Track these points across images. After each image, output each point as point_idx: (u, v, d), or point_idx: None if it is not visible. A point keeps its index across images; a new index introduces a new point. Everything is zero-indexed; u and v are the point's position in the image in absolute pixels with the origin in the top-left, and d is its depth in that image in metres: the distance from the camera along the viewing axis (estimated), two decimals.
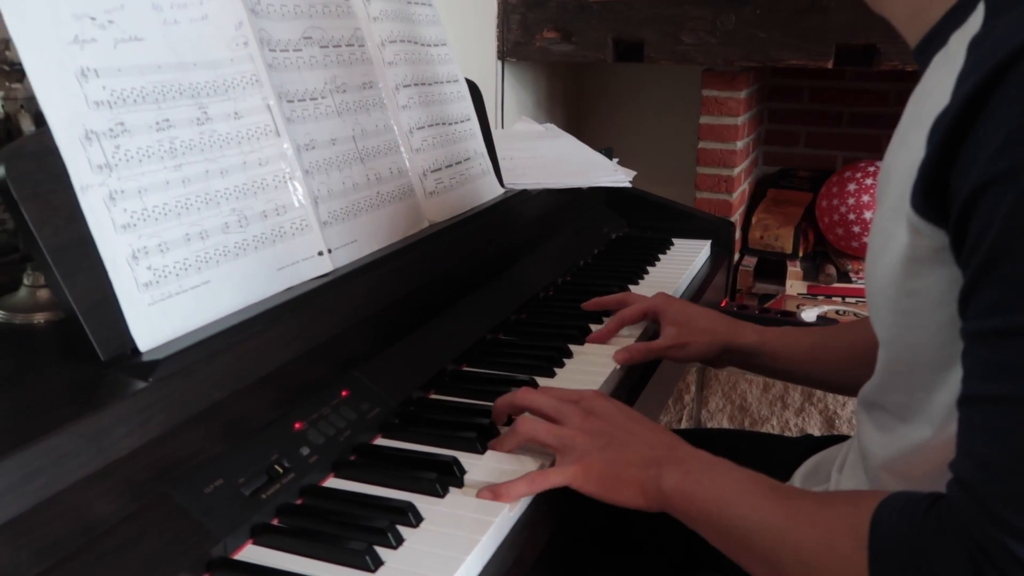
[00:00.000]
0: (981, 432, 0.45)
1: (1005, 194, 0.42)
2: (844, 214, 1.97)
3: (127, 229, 0.60)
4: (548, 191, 1.19)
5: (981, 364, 0.45)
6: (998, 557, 0.42)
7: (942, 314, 0.49)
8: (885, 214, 0.54)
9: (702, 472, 0.60)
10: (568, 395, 0.69)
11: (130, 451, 0.52)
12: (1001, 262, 0.43)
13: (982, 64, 0.44)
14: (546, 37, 1.87)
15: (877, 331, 0.58)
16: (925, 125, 0.48)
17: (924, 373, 0.53)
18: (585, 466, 0.62)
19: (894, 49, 1.61)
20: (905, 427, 0.56)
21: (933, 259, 0.49)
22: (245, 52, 0.75)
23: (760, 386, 1.73)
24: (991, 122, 0.43)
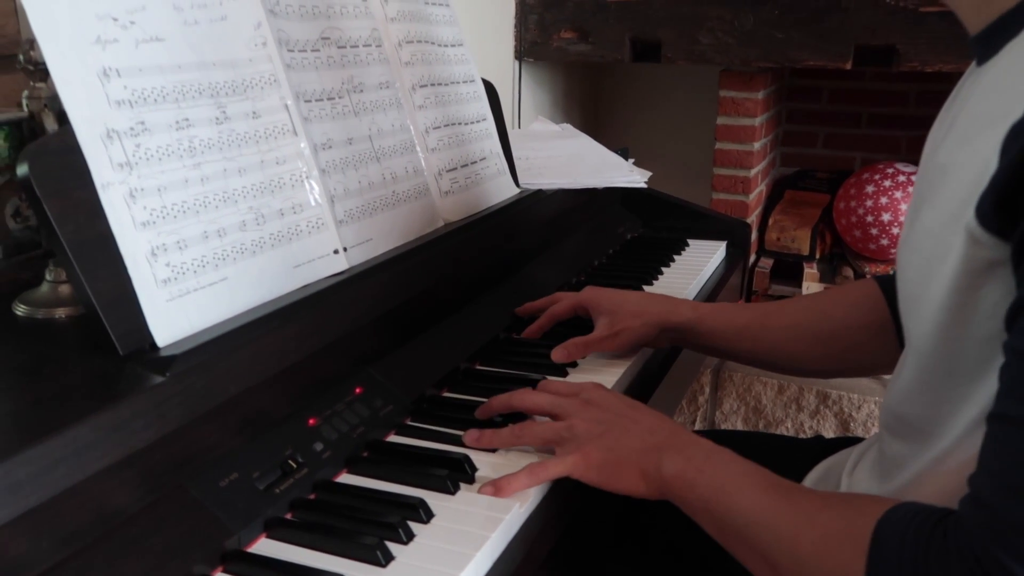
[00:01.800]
0: (1008, 453, 0.44)
1: None
2: (862, 216, 1.96)
3: (147, 226, 0.61)
4: (564, 191, 1.19)
5: (1020, 384, 0.44)
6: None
7: (989, 327, 0.48)
8: (939, 218, 0.51)
9: (704, 460, 0.59)
10: (567, 388, 0.69)
11: (147, 444, 0.53)
12: None
13: None
14: (563, 37, 1.87)
15: (911, 338, 0.56)
16: (997, 128, 0.45)
17: (956, 385, 0.51)
18: (585, 454, 0.62)
19: (913, 50, 1.60)
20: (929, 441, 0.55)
21: (990, 271, 0.47)
22: (263, 52, 0.76)
23: (775, 388, 1.72)
24: None
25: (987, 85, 0.51)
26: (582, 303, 0.90)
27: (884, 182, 1.95)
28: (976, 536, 0.43)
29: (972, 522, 0.44)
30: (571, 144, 1.47)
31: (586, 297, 0.90)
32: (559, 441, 0.64)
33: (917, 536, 0.46)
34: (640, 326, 0.86)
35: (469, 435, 0.68)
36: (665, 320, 0.86)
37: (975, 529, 0.43)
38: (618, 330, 0.85)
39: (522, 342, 0.92)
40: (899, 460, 0.58)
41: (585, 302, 0.90)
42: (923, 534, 0.46)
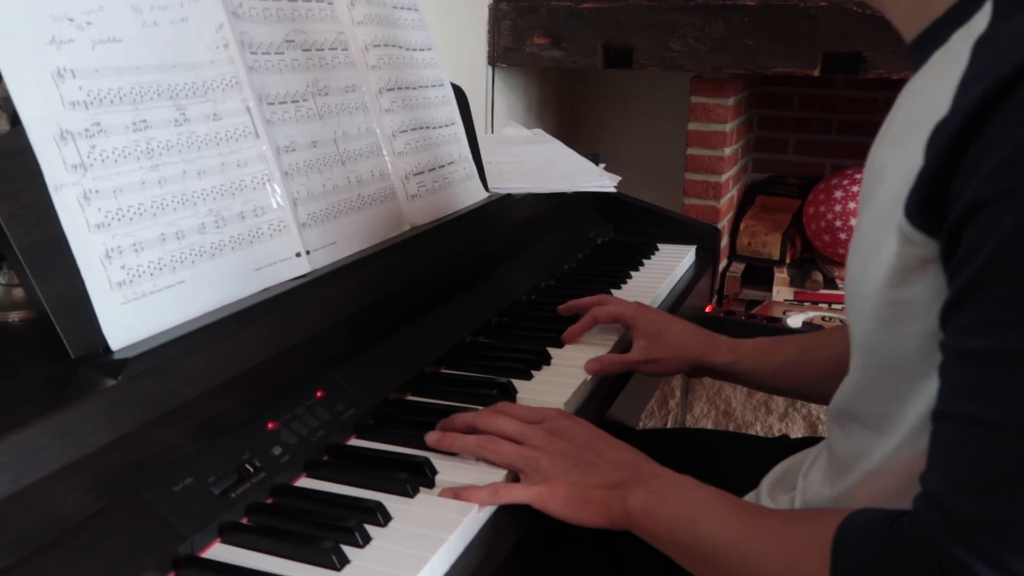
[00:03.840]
0: (954, 450, 0.44)
1: (1005, 213, 0.41)
2: (831, 221, 1.98)
3: (101, 228, 0.60)
4: (534, 195, 1.19)
5: (960, 382, 0.45)
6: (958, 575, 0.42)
7: (925, 324, 0.49)
8: (873, 219, 0.53)
9: (667, 491, 0.60)
10: (531, 415, 0.69)
11: (98, 448, 0.53)
12: (994, 282, 0.42)
13: (989, 71, 0.43)
14: (536, 43, 1.88)
15: (854, 337, 0.57)
16: (924, 129, 0.47)
17: (900, 383, 0.52)
18: (550, 488, 0.62)
19: (880, 57, 1.62)
20: (879, 438, 0.56)
21: (920, 269, 0.48)
22: (225, 54, 0.75)
23: (744, 392, 1.73)
24: (996, 135, 0.42)
25: (917, 89, 0.52)
26: (624, 318, 0.92)
27: (853, 188, 1.97)
28: (933, 535, 0.44)
29: (927, 521, 0.45)
30: (542, 149, 1.48)
31: (631, 314, 0.91)
32: (524, 468, 0.64)
33: (874, 540, 0.46)
34: (677, 359, 0.88)
35: (430, 436, 0.68)
36: (703, 361, 0.88)
37: (931, 528, 0.44)
38: (656, 357, 0.88)
39: (489, 346, 0.92)
40: (849, 459, 0.59)
41: (629, 319, 0.91)
42: (879, 537, 0.46)
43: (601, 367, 0.85)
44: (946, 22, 0.50)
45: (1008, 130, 0.41)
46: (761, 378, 0.88)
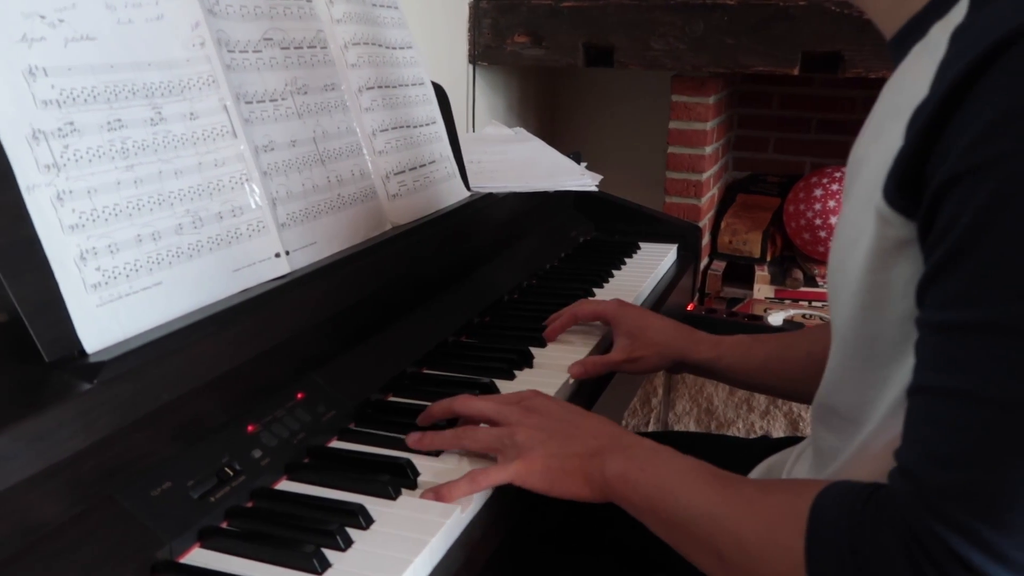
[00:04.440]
0: (928, 423, 0.45)
1: (979, 186, 0.42)
2: (811, 219, 2.00)
3: (75, 230, 0.59)
4: (515, 194, 1.19)
5: (935, 355, 0.45)
6: (933, 548, 0.42)
7: (903, 307, 0.49)
8: (855, 206, 0.53)
9: (645, 459, 0.60)
10: (508, 397, 0.69)
11: (74, 453, 0.52)
12: (968, 255, 0.43)
13: (964, 54, 0.43)
14: (517, 41, 1.87)
15: (835, 325, 0.58)
16: (903, 116, 0.47)
17: (878, 369, 0.53)
18: (528, 461, 0.62)
19: (859, 56, 1.63)
20: (856, 427, 0.57)
21: (899, 251, 0.48)
22: (202, 52, 0.74)
23: (726, 390, 1.74)
24: (970, 112, 0.43)
25: (897, 81, 0.53)
26: (606, 315, 0.92)
27: (832, 186, 1.99)
28: (906, 505, 0.44)
29: (900, 492, 0.45)
30: (524, 148, 1.47)
31: (611, 312, 0.91)
32: (501, 448, 0.64)
33: (851, 511, 0.47)
34: (659, 356, 0.88)
35: (411, 437, 0.67)
36: (685, 356, 0.88)
37: (904, 499, 0.45)
38: (637, 356, 0.88)
39: (471, 346, 0.92)
40: (831, 452, 0.60)
41: (609, 316, 0.91)
42: (856, 509, 0.47)
43: (584, 371, 0.85)
44: (925, 16, 0.51)
45: (981, 108, 0.42)
46: (742, 374, 0.88)
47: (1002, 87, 0.42)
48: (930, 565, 0.43)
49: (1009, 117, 0.41)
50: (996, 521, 0.41)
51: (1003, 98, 0.41)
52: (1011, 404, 0.41)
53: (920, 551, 0.43)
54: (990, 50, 0.42)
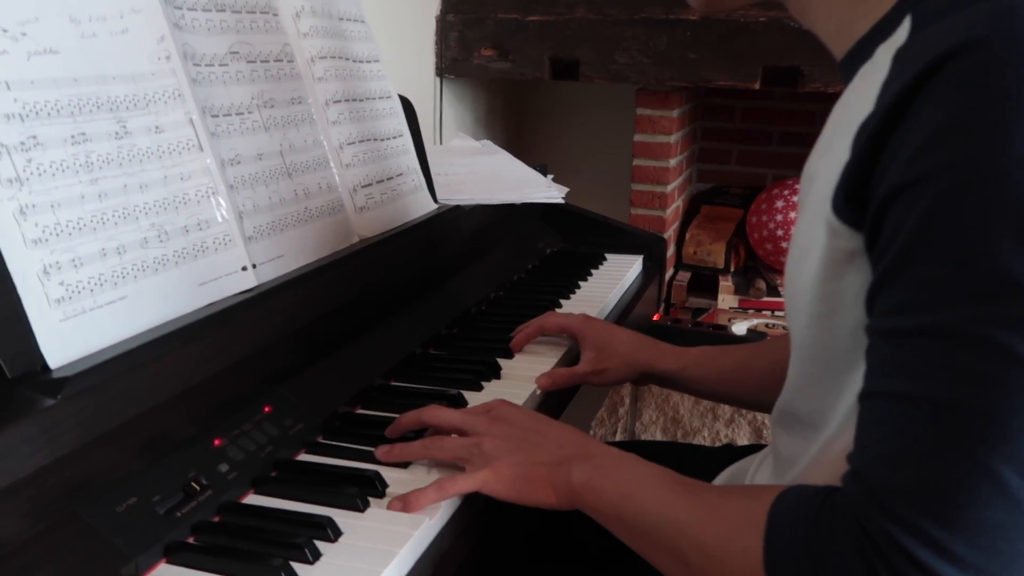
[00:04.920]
0: (877, 426, 0.46)
1: (918, 198, 0.43)
2: (773, 230, 2.03)
3: (38, 244, 0.59)
4: (483, 207, 1.20)
5: (882, 361, 0.47)
6: (884, 546, 0.44)
7: (855, 316, 0.51)
8: (807, 219, 0.55)
9: (610, 467, 0.61)
10: (476, 409, 0.70)
11: (37, 469, 0.51)
12: (909, 263, 0.44)
13: (905, 72, 0.45)
14: (484, 55, 1.89)
15: (793, 334, 0.60)
16: (850, 132, 0.49)
17: (835, 375, 0.54)
18: (495, 470, 0.63)
19: (818, 71, 1.67)
20: (816, 433, 0.58)
21: (849, 262, 0.50)
22: (167, 66, 0.74)
23: (692, 399, 1.76)
24: (910, 127, 0.44)
25: (845, 100, 0.55)
26: (572, 329, 0.93)
27: (793, 197, 2.03)
28: (858, 506, 0.46)
29: (853, 494, 0.47)
30: (491, 160, 1.49)
31: (577, 326, 0.92)
32: (468, 457, 0.64)
33: (806, 513, 0.48)
34: (624, 369, 0.89)
35: (380, 450, 0.68)
36: (650, 368, 0.90)
37: (856, 500, 0.46)
38: (603, 368, 0.89)
39: (439, 357, 0.92)
40: (791, 457, 0.61)
41: (576, 330, 0.93)
42: (811, 511, 0.48)
43: (552, 382, 0.86)
44: (870, 38, 0.53)
45: (919, 123, 0.44)
46: (707, 385, 0.89)
47: (938, 103, 0.43)
48: (881, 563, 0.44)
49: (945, 131, 0.43)
50: (942, 519, 0.42)
51: (939, 113, 0.43)
52: (953, 406, 0.43)
53: (872, 549, 0.44)
54: (928, 68, 0.44)
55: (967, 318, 0.42)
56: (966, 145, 0.42)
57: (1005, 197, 0.41)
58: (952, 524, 0.42)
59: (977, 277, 0.42)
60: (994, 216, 0.42)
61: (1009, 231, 0.41)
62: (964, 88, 0.43)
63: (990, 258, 0.42)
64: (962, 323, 0.43)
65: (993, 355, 0.42)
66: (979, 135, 0.42)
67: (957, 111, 0.43)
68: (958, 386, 0.43)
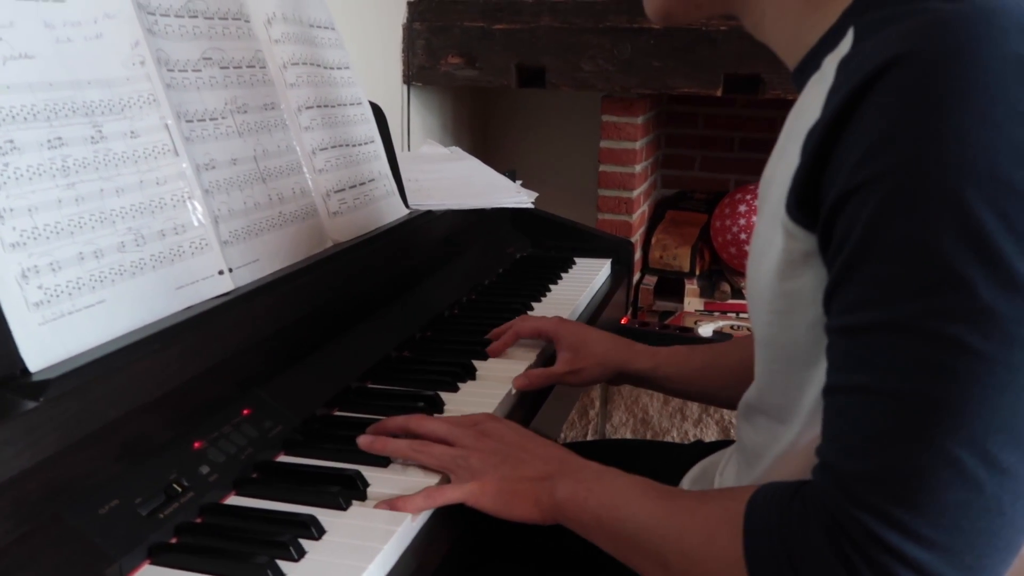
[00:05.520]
0: (841, 419, 0.49)
1: (866, 201, 0.46)
2: (736, 234, 2.08)
3: (16, 248, 0.59)
4: (453, 212, 1.21)
5: (841, 357, 0.49)
6: (853, 531, 0.46)
7: (812, 313, 0.53)
8: (765, 221, 0.58)
9: (593, 481, 0.62)
10: (462, 420, 0.71)
11: (19, 472, 0.51)
12: (861, 263, 0.47)
13: (849, 81, 0.48)
14: (451, 62, 1.90)
15: (755, 332, 0.62)
16: (800, 138, 0.52)
17: (797, 371, 0.57)
18: (481, 484, 0.64)
19: (777, 78, 1.72)
20: (783, 428, 0.60)
21: (804, 262, 0.52)
22: (142, 71, 0.74)
23: (661, 400, 1.79)
24: (855, 133, 0.47)
25: (796, 108, 0.58)
26: (546, 331, 0.94)
27: (755, 202, 2.07)
28: (827, 496, 0.48)
29: (822, 484, 0.49)
30: (460, 166, 1.50)
31: (551, 328, 0.94)
32: (455, 468, 0.66)
33: (780, 508, 0.50)
34: (600, 367, 0.91)
35: (362, 439, 0.69)
36: (624, 367, 0.92)
37: (826, 491, 0.48)
38: (578, 368, 0.91)
39: (413, 360, 0.93)
40: (758, 450, 0.63)
41: (550, 331, 0.94)
42: (784, 505, 0.50)
43: (528, 382, 0.87)
44: (818, 50, 0.56)
45: (863, 129, 0.47)
46: (679, 383, 0.92)
47: (879, 110, 0.46)
48: (852, 548, 0.46)
49: (886, 137, 0.45)
50: (907, 502, 0.45)
51: (880, 120, 0.46)
52: (910, 396, 0.45)
53: (843, 536, 0.46)
54: (869, 77, 0.46)
55: (917, 312, 0.45)
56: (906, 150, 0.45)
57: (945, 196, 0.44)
58: (916, 507, 0.45)
59: (923, 273, 0.45)
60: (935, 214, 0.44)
61: (950, 227, 0.44)
62: (902, 96, 0.45)
63: (934, 254, 0.44)
64: (913, 317, 0.45)
65: (943, 346, 0.44)
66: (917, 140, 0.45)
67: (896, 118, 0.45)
68: (913, 377, 0.45)
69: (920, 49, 0.45)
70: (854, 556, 0.46)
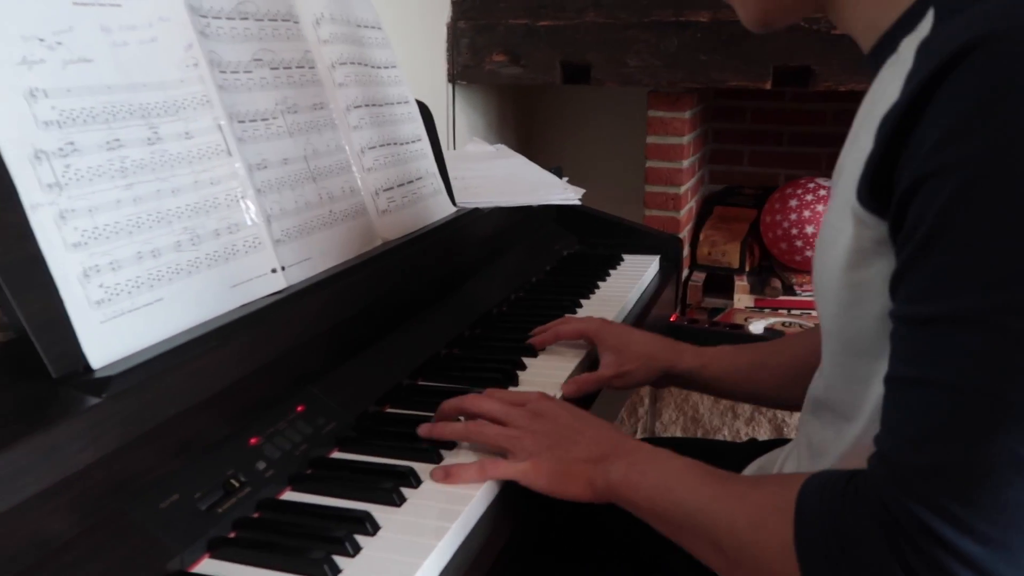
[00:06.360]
0: (901, 409, 0.48)
1: (941, 188, 0.45)
2: (787, 229, 2.04)
3: (78, 247, 0.60)
4: (500, 209, 1.21)
5: (905, 346, 0.48)
6: (908, 525, 0.45)
7: (880, 304, 0.52)
8: (834, 210, 0.56)
9: (646, 463, 0.62)
10: (514, 398, 0.71)
11: (84, 467, 0.52)
12: (930, 252, 0.46)
13: (928, 64, 0.46)
14: (495, 60, 1.90)
15: (823, 322, 0.61)
16: (874, 123, 0.50)
17: (863, 364, 0.55)
18: (535, 464, 0.65)
19: (828, 70, 1.68)
20: (848, 425, 0.59)
21: (875, 251, 0.51)
22: (195, 73, 0.75)
23: (711, 398, 1.76)
24: (933, 117, 0.46)
25: (871, 93, 0.57)
26: (588, 333, 0.93)
27: (806, 196, 2.03)
28: (882, 486, 0.47)
29: (877, 474, 0.48)
30: (506, 164, 1.50)
31: (593, 329, 0.93)
32: (511, 448, 0.66)
33: (832, 495, 0.49)
34: (646, 369, 0.90)
35: (422, 428, 0.70)
36: (670, 367, 0.90)
37: (879, 479, 0.47)
38: (625, 371, 0.89)
39: (462, 357, 0.93)
40: (822, 446, 0.62)
41: (592, 334, 0.92)
42: (837, 492, 0.49)
43: (578, 389, 0.86)
44: (895, 32, 0.55)
45: (942, 114, 0.45)
46: (727, 383, 0.90)
47: (958, 96, 0.44)
48: (906, 541, 0.45)
49: (967, 122, 0.44)
50: (964, 498, 0.44)
51: (958, 106, 0.44)
52: (970, 390, 0.44)
53: (896, 529, 0.45)
54: (949, 60, 0.45)
55: (984, 306, 0.43)
56: (983, 138, 0.43)
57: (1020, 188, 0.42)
58: (974, 503, 0.43)
59: (994, 266, 0.43)
60: (1009, 206, 0.43)
61: None
62: (983, 80, 0.44)
63: (1005, 247, 0.43)
64: (979, 311, 0.44)
65: (1008, 342, 0.43)
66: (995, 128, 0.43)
67: (977, 102, 0.44)
68: (976, 372, 0.44)
69: (1004, 30, 0.44)
70: (908, 550, 0.45)
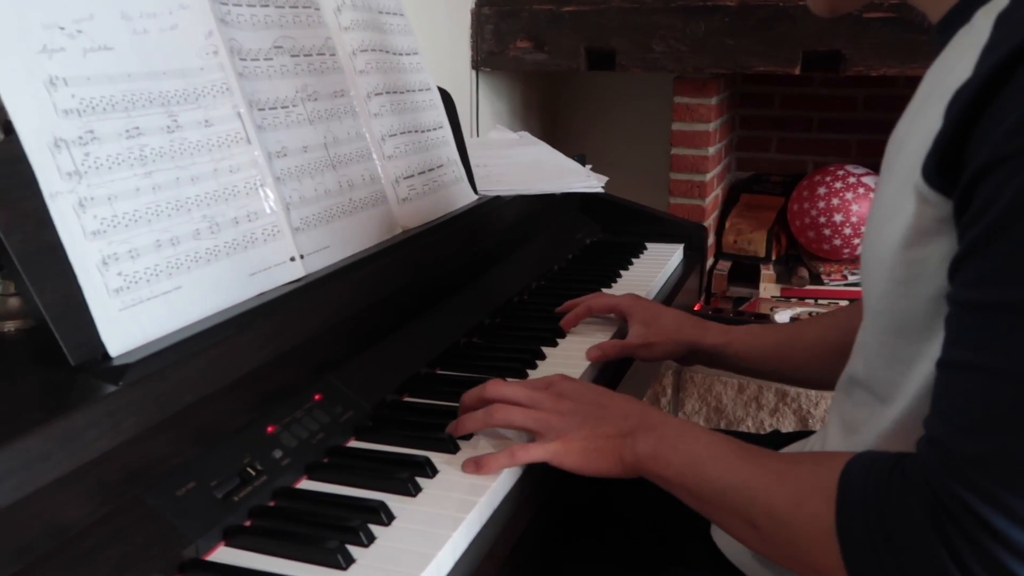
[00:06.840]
0: (955, 395, 0.47)
1: (1015, 173, 0.43)
2: (815, 218, 2.00)
3: (97, 235, 0.60)
4: (522, 197, 1.20)
5: (963, 331, 0.47)
6: (957, 511, 0.44)
7: (935, 284, 0.51)
8: (892, 186, 0.55)
9: (676, 437, 0.62)
10: (536, 383, 0.71)
11: (101, 454, 0.53)
12: (1000, 237, 0.44)
13: (1008, 39, 0.44)
14: (519, 47, 1.89)
15: (868, 300, 0.59)
16: (944, 98, 0.48)
17: (908, 344, 0.54)
18: (564, 443, 0.65)
19: (858, 55, 1.64)
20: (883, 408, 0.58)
21: (936, 229, 0.50)
22: (215, 61, 0.75)
23: (735, 388, 1.75)
24: (1010, 98, 0.44)
25: (939, 65, 0.54)
26: (619, 307, 0.94)
27: (835, 184, 2.00)
28: (931, 471, 0.46)
29: (927, 459, 0.47)
30: (529, 151, 1.49)
31: (625, 304, 0.94)
32: (538, 430, 0.66)
33: (878, 478, 0.48)
34: (673, 342, 0.90)
35: (448, 428, 0.70)
36: (697, 342, 0.90)
37: (930, 465, 0.46)
38: (652, 342, 0.90)
39: (482, 346, 0.93)
40: (854, 425, 0.61)
41: (623, 308, 0.94)
42: (883, 476, 0.48)
43: (602, 353, 0.87)
44: (970, 2, 0.52)
45: (1020, 93, 0.43)
46: (752, 361, 0.89)
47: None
48: (954, 527, 0.44)
49: None
50: (1017, 487, 0.43)
51: None
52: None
53: (945, 514, 0.44)
54: None
55: None
56: None
57: None
58: None
59: None
60: None
61: None
62: None
63: None
64: None
65: None
66: None
67: None
68: None
69: None
70: (957, 538, 0.44)
